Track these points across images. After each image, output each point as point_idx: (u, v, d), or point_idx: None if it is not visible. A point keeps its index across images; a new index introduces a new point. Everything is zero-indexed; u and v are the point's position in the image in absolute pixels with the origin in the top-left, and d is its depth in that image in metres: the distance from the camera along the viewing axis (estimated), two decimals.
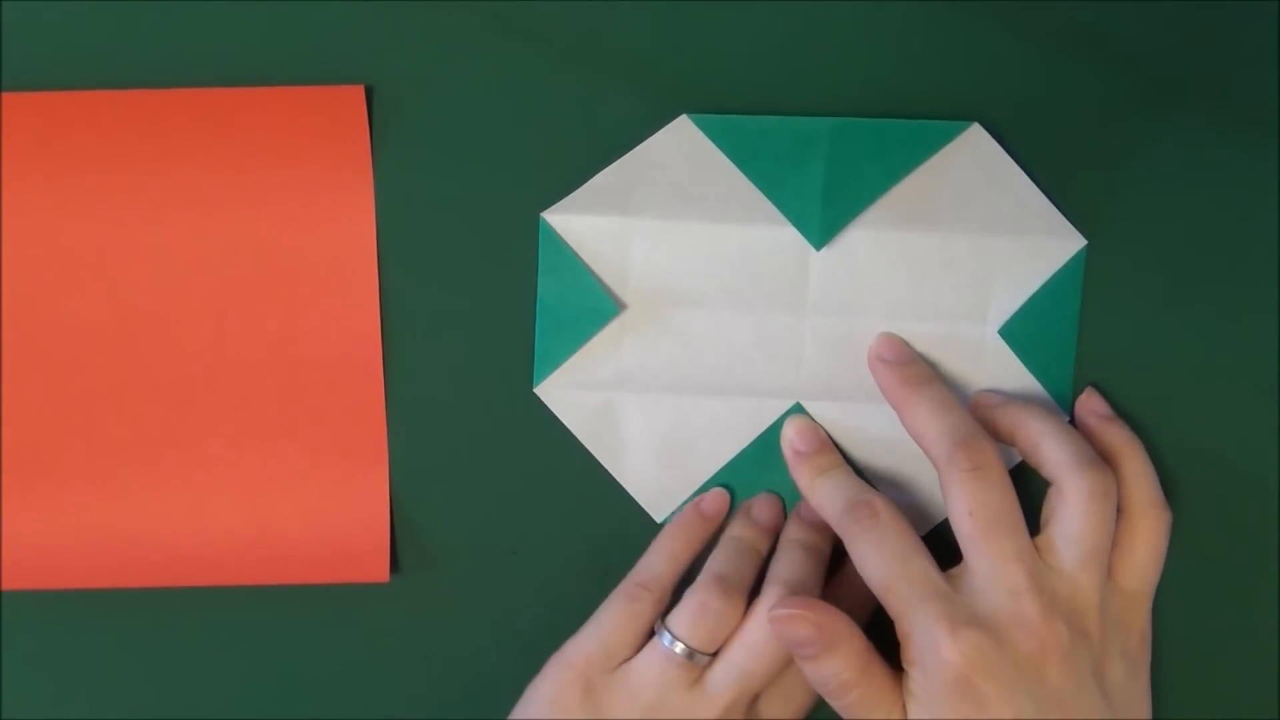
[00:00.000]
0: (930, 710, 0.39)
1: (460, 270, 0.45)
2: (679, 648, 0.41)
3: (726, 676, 0.41)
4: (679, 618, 0.42)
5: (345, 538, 0.45)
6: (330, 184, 0.44)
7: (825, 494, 0.43)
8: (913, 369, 0.43)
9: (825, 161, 0.43)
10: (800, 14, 0.44)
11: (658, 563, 0.44)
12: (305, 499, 0.45)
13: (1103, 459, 0.42)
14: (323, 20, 0.44)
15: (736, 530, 0.45)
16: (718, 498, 0.45)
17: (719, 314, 0.45)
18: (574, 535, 0.46)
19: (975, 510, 0.40)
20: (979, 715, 0.38)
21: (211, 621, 0.46)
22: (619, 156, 0.44)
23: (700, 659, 0.41)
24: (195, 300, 0.45)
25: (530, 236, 0.45)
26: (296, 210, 0.44)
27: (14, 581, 0.46)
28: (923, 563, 0.40)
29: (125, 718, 0.47)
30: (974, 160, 0.44)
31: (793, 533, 0.44)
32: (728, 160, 0.44)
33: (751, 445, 0.45)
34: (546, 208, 0.45)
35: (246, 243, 0.45)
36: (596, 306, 0.44)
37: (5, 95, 0.44)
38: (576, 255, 0.44)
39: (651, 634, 0.43)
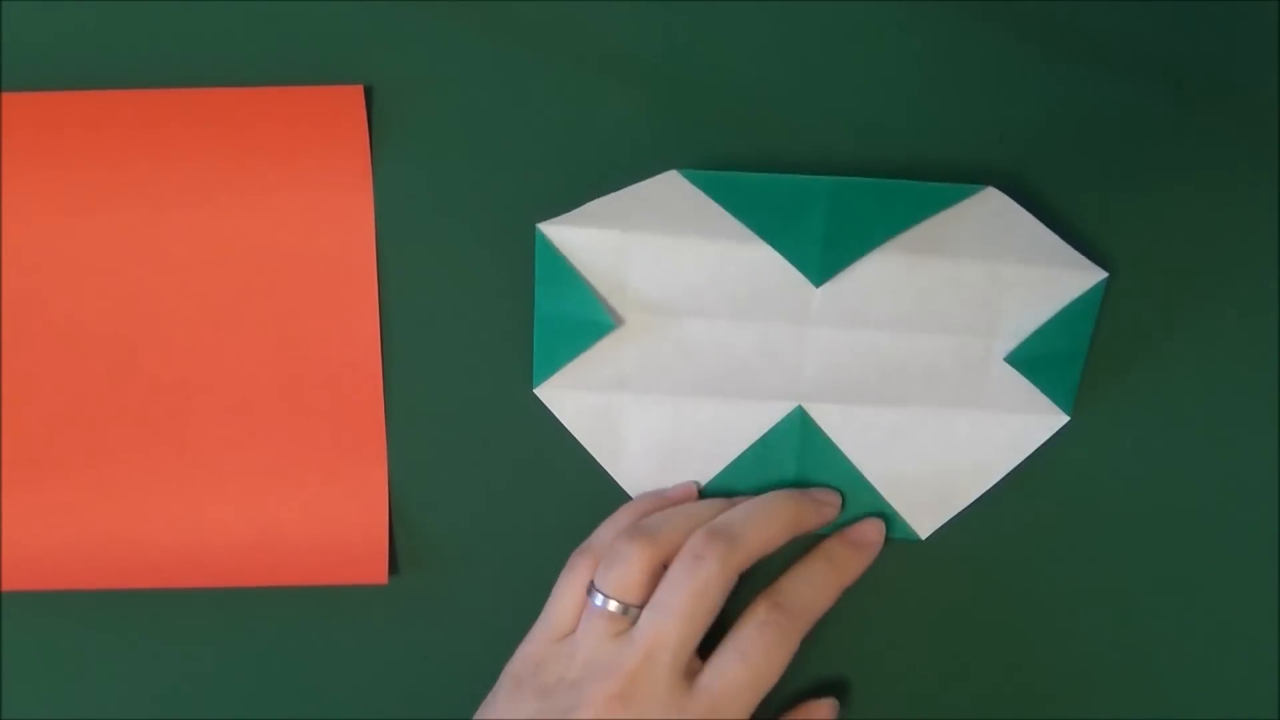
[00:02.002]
0: None
1: (460, 270, 0.45)
2: (602, 600, 0.41)
3: (643, 619, 0.41)
4: (600, 571, 0.42)
5: (344, 539, 0.45)
6: (330, 184, 0.44)
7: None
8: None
9: (825, 217, 0.42)
10: (803, 10, 0.44)
11: (602, 533, 0.44)
12: (304, 500, 0.45)
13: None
14: (323, 20, 0.44)
15: (679, 497, 0.45)
16: (683, 489, 0.45)
17: (719, 328, 0.44)
18: (574, 537, 0.46)
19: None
20: None
21: (211, 622, 0.46)
22: (618, 156, 0.44)
23: (631, 612, 0.41)
24: (195, 300, 0.45)
25: (529, 233, 0.45)
26: (296, 210, 0.44)
27: (14, 581, 0.46)
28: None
29: (125, 718, 0.47)
30: (988, 216, 0.42)
31: (827, 545, 0.44)
32: (723, 210, 0.43)
33: (752, 447, 0.45)
34: (546, 206, 0.44)
35: (246, 243, 0.45)
36: (594, 320, 0.44)
37: (5, 95, 0.44)
38: (573, 268, 0.44)
39: None
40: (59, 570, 0.46)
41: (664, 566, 0.42)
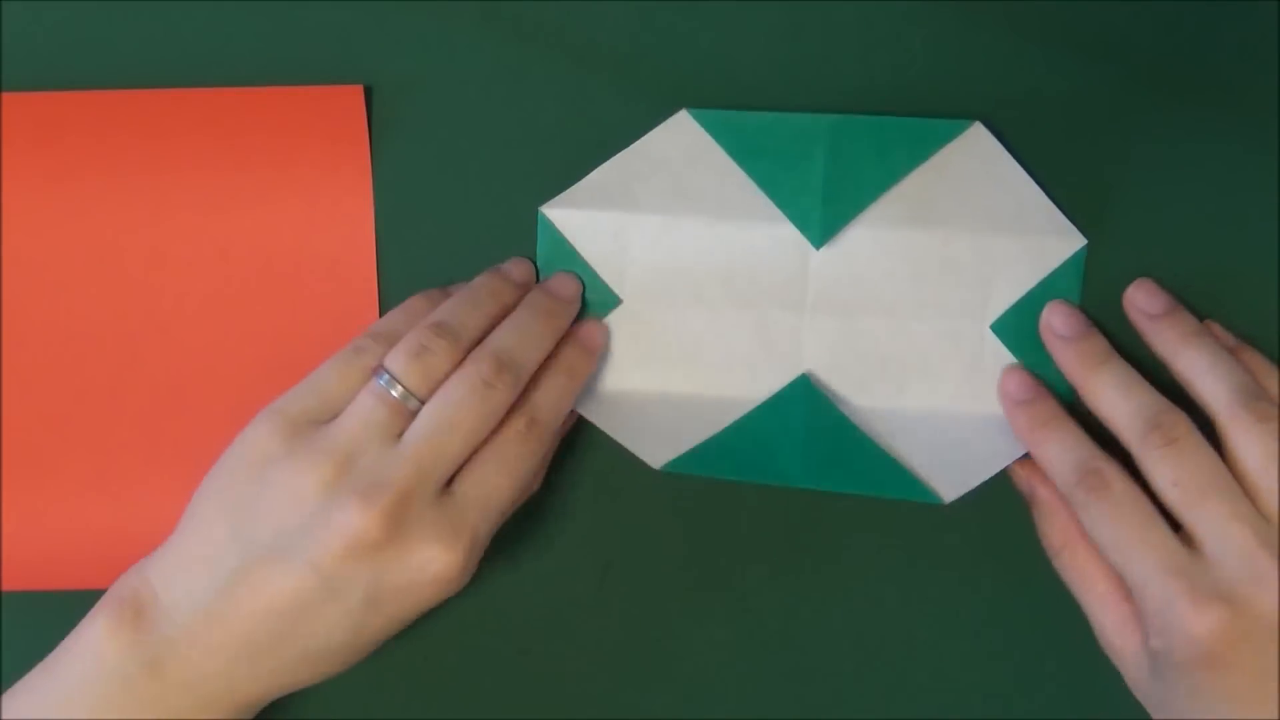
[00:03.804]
0: (1180, 677, 0.38)
1: (459, 270, 0.45)
2: (389, 384, 0.39)
3: (422, 428, 0.39)
4: (396, 355, 0.39)
5: None
6: (330, 184, 0.44)
7: (1051, 454, 0.41)
8: (1089, 344, 0.43)
9: (825, 159, 0.43)
10: (802, 10, 0.44)
11: (395, 320, 0.42)
12: None
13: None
14: (323, 20, 0.44)
15: (480, 279, 0.43)
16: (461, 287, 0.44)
17: (717, 310, 0.45)
18: (573, 536, 0.46)
19: (1180, 480, 0.39)
20: (1229, 681, 0.37)
21: None
22: (618, 154, 0.44)
23: (411, 403, 0.39)
24: (195, 300, 0.45)
25: (529, 234, 0.45)
26: (296, 210, 0.44)
27: (14, 582, 0.46)
28: (1160, 533, 0.39)
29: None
30: (974, 159, 0.43)
31: (566, 356, 0.43)
32: (727, 156, 0.44)
33: (754, 411, 0.44)
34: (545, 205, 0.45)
35: (246, 243, 0.45)
36: (595, 299, 0.44)
37: (5, 95, 0.44)
38: (574, 248, 0.44)
39: None
40: (59, 570, 0.46)
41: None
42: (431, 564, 0.38)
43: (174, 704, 0.38)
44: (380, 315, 0.45)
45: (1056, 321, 0.43)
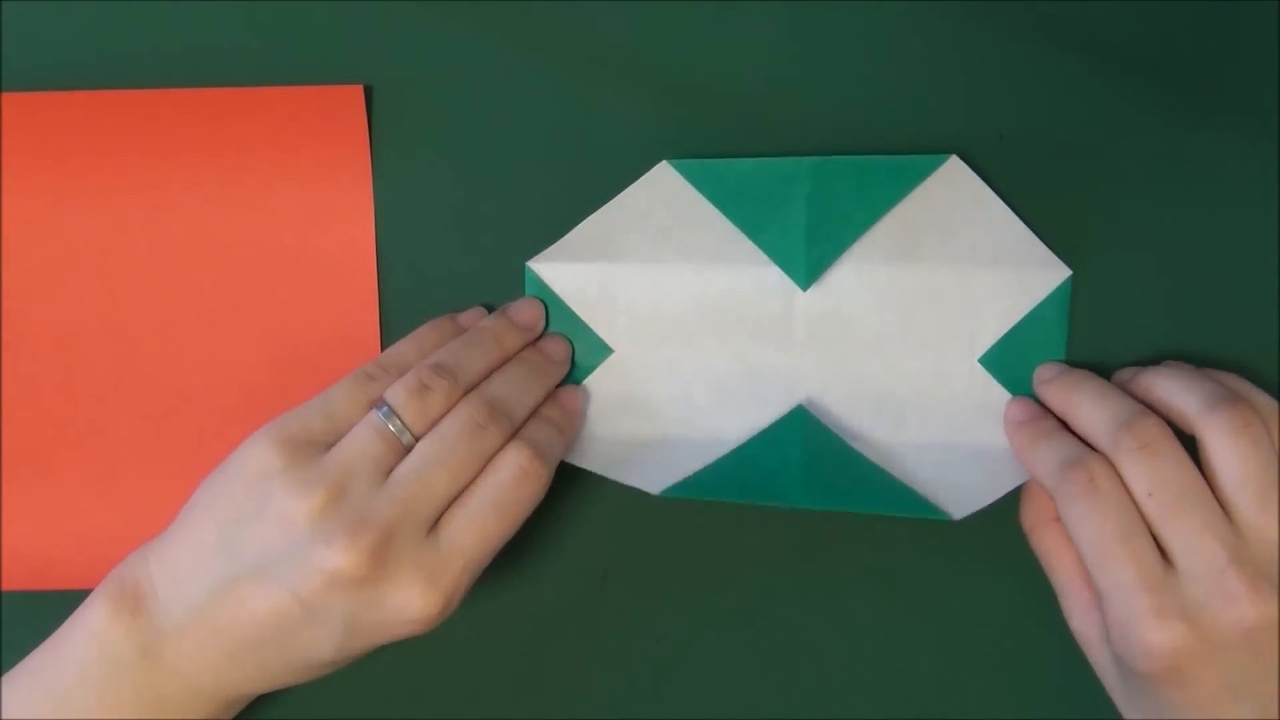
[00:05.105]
0: (1140, 684, 0.38)
1: (459, 270, 0.45)
2: (393, 423, 0.39)
3: (412, 465, 0.39)
4: (397, 389, 0.40)
5: None
6: (330, 184, 0.44)
7: (1041, 456, 0.41)
8: (1071, 374, 0.43)
9: (806, 201, 0.43)
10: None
11: (407, 350, 0.42)
12: None
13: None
14: (323, 20, 0.44)
15: (488, 322, 0.44)
16: (475, 314, 0.45)
17: (708, 356, 0.45)
18: (572, 537, 0.46)
19: (1155, 490, 0.38)
20: (1188, 694, 0.37)
21: None
22: (617, 154, 0.44)
23: (406, 438, 0.39)
24: (195, 300, 0.45)
25: (531, 235, 0.45)
26: (296, 210, 0.44)
27: (14, 582, 0.46)
28: (1139, 543, 0.38)
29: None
30: (953, 192, 0.43)
31: (551, 413, 0.43)
32: (710, 204, 0.44)
33: (751, 440, 0.45)
34: (546, 204, 0.44)
35: (246, 242, 0.45)
36: (586, 350, 0.45)
37: (5, 95, 0.44)
38: (563, 302, 0.44)
39: None
40: (59, 570, 0.46)
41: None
42: (410, 605, 0.38)
43: (167, 690, 0.39)
44: (380, 316, 0.45)
45: (1042, 371, 0.44)
